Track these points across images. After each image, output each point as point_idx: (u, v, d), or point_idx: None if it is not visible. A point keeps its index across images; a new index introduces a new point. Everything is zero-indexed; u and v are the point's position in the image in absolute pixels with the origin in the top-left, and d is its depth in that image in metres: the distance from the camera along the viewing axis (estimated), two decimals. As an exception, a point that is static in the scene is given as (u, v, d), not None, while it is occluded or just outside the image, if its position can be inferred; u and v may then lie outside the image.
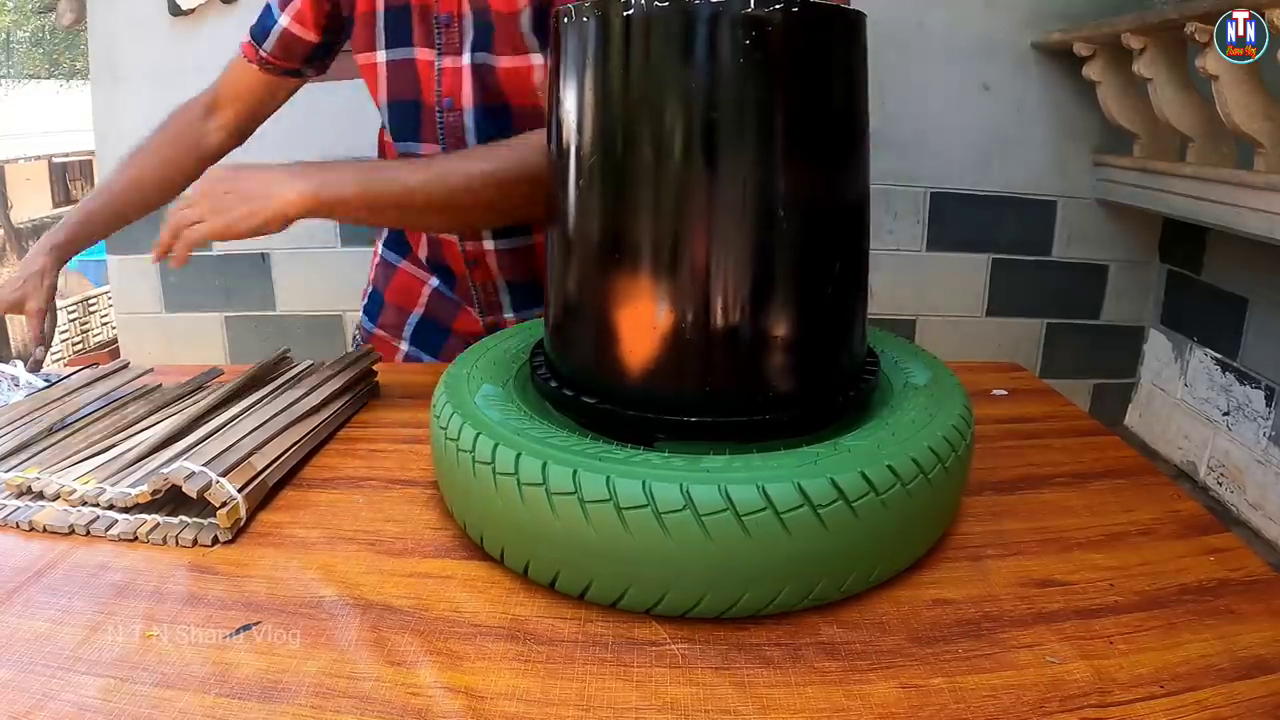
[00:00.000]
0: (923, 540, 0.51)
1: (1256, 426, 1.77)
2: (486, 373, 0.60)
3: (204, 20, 1.97)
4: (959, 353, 1.79)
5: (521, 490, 0.46)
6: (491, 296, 0.95)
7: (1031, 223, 2.09)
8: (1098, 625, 0.45)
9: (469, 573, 0.51)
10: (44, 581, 0.50)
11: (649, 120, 0.49)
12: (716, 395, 0.51)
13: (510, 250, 0.91)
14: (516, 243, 0.90)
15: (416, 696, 0.40)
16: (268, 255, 2.10)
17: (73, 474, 0.59)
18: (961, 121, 2.02)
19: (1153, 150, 1.84)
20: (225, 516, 0.54)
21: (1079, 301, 2.16)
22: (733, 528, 0.43)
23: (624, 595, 0.46)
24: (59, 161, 9.40)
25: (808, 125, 0.50)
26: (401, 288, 1.01)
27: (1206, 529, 0.55)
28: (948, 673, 0.42)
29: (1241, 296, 1.82)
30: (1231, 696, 0.40)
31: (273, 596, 0.49)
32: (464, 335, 0.98)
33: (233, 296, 2.16)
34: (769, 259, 0.51)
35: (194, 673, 0.42)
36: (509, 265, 0.92)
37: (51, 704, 0.40)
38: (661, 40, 0.48)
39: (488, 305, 0.96)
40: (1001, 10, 1.96)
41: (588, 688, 0.41)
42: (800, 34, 0.48)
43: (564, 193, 0.54)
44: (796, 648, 0.44)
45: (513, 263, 0.91)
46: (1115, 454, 0.67)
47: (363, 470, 0.65)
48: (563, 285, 0.56)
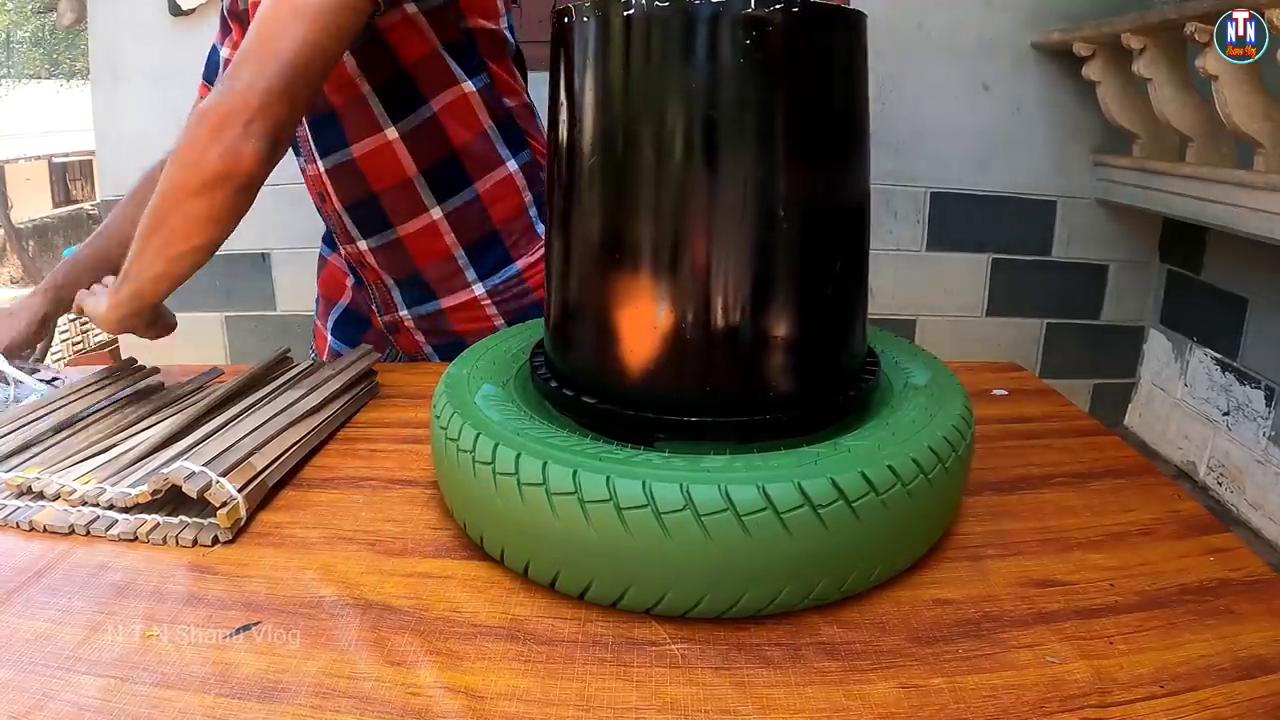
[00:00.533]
0: (923, 540, 0.51)
1: (1256, 426, 1.77)
2: (486, 373, 0.60)
3: (204, 20, 1.97)
4: (959, 353, 1.79)
5: (521, 490, 0.46)
6: (385, 295, 0.96)
7: (1031, 223, 2.10)
8: (1098, 625, 0.45)
9: (469, 573, 0.51)
10: (44, 581, 0.50)
11: (649, 120, 0.49)
12: (717, 395, 0.51)
13: (381, 247, 0.91)
14: (383, 239, 0.91)
15: (416, 696, 0.40)
16: (268, 255, 2.10)
17: (73, 474, 0.59)
18: (961, 121, 2.02)
19: (1153, 150, 1.84)
20: (225, 516, 0.54)
21: (1079, 301, 2.16)
22: (733, 528, 0.43)
23: (624, 595, 0.46)
24: (59, 161, 9.41)
25: (808, 125, 0.50)
26: (329, 279, 1.05)
27: (1206, 529, 0.55)
28: (948, 673, 0.42)
29: (1241, 296, 1.82)
30: (1231, 696, 0.40)
31: (273, 596, 0.49)
32: (380, 331, 1.00)
33: (233, 296, 2.16)
34: (769, 259, 0.51)
35: (194, 673, 0.42)
36: (386, 263, 0.93)
37: (51, 704, 0.40)
38: (662, 40, 0.48)
39: (384, 304, 0.97)
40: (1001, 10, 1.96)
41: (588, 688, 0.41)
42: (800, 34, 0.48)
43: (564, 193, 0.54)
44: (796, 648, 0.44)
45: (389, 261, 0.92)
46: (1115, 454, 0.67)
47: (363, 470, 0.65)
48: (563, 285, 0.56)
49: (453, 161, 0.87)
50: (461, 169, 0.87)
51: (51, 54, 7.19)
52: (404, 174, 0.86)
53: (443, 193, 0.88)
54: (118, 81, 2.04)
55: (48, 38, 7.00)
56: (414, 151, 0.85)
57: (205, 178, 0.68)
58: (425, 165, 0.86)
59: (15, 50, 7.25)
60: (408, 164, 0.86)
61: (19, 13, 6.93)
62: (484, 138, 0.88)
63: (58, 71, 7.36)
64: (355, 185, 0.88)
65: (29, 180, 8.75)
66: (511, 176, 0.89)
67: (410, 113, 0.84)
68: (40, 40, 7.12)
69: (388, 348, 1.01)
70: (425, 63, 0.83)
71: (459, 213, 0.88)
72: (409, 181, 0.86)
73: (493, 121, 0.88)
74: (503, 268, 0.91)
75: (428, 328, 0.95)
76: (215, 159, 0.67)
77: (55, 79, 7.42)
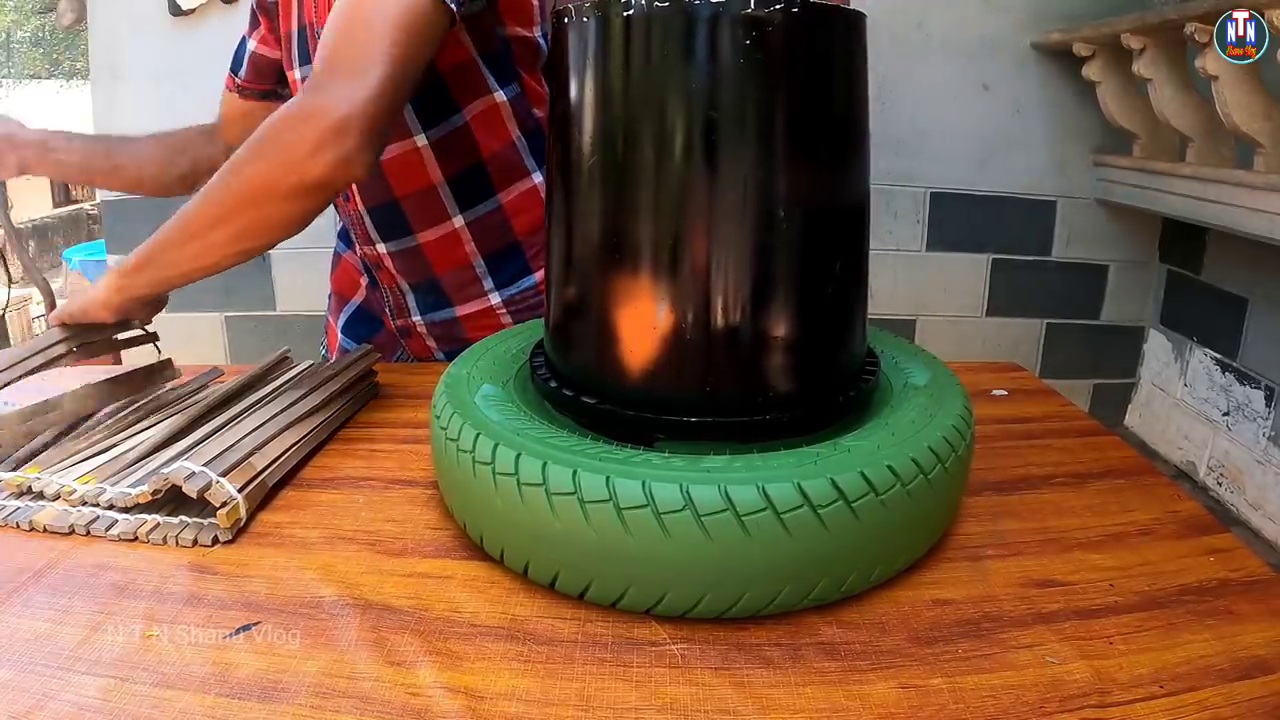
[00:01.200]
0: (923, 540, 0.51)
1: (1256, 427, 1.77)
2: (486, 373, 0.60)
3: (204, 20, 1.97)
4: (959, 353, 1.79)
5: (521, 490, 0.46)
6: (400, 299, 0.95)
7: (1031, 223, 2.09)
8: (1098, 625, 0.45)
9: (469, 573, 0.51)
10: (44, 581, 0.50)
11: (649, 120, 0.49)
12: (716, 395, 0.51)
13: (399, 252, 0.91)
14: (402, 244, 0.90)
15: (416, 696, 0.40)
16: (268, 255, 2.10)
17: (73, 474, 0.59)
18: (961, 121, 2.02)
19: (1152, 150, 1.84)
20: (225, 516, 0.54)
21: (1079, 301, 2.16)
22: (733, 528, 0.43)
23: (624, 595, 0.46)
24: (59, 161, 9.34)
25: (808, 126, 0.50)
26: (342, 275, 1.05)
27: (1206, 529, 0.55)
28: (947, 673, 0.42)
29: (1241, 296, 1.82)
30: (1231, 696, 0.40)
31: (273, 596, 0.49)
32: (392, 333, 1.00)
33: (233, 296, 2.16)
34: (769, 259, 0.51)
35: (194, 673, 0.42)
36: (403, 268, 0.92)
37: (51, 704, 0.40)
38: (661, 40, 0.48)
39: (397, 308, 0.97)
40: (1001, 10, 1.96)
41: (587, 688, 0.41)
42: (800, 34, 0.48)
43: (564, 193, 0.54)
44: (796, 648, 0.44)
45: (407, 266, 0.92)
46: (1115, 454, 0.67)
47: (363, 470, 0.65)
48: (563, 285, 0.56)
49: (479, 171, 0.86)
50: (487, 179, 0.87)
51: (51, 54, 7.19)
52: (429, 181, 0.85)
53: (466, 202, 0.87)
54: (118, 81, 2.04)
55: (48, 38, 7.00)
56: (441, 159, 0.85)
57: (306, 182, 0.65)
58: (451, 173, 0.86)
59: (15, 50, 7.25)
60: (433, 171, 0.85)
61: (19, 13, 6.93)
62: (512, 148, 0.87)
63: (58, 71, 7.36)
64: (379, 189, 0.87)
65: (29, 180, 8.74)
66: (536, 188, 0.89)
67: (441, 121, 0.83)
68: (40, 40, 7.12)
69: (399, 350, 1.01)
70: (461, 70, 0.82)
71: (481, 222, 0.88)
72: (433, 189, 0.86)
73: (521, 132, 0.87)
74: (521, 278, 0.91)
75: (440, 334, 0.95)
76: (325, 165, 0.64)
77: (55, 79, 7.42)
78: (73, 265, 3.23)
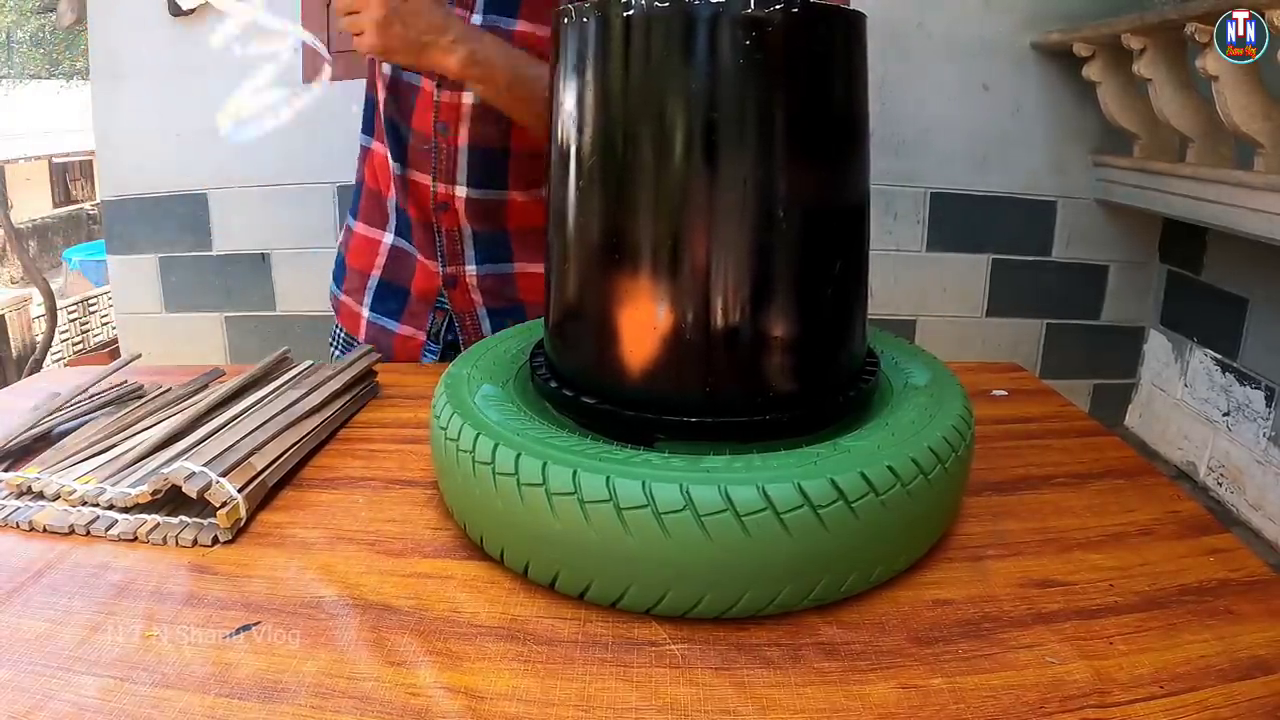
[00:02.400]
0: (923, 540, 0.51)
1: (1256, 427, 1.77)
2: (486, 373, 0.60)
3: (204, 20, 1.97)
4: (959, 353, 1.79)
5: (521, 490, 0.46)
6: (455, 245, 0.94)
7: (1031, 223, 2.09)
8: (1098, 625, 0.45)
9: (469, 573, 0.51)
10: (44, 581, 0.50)
11: (649, 120, 0.49)
12: (716, 395, 0.51)
13: (481, 200, 0.90)
14: (488, 194, 0.90)
15: (416, 696, 0.40)
16: (268, 255, 2.10)
17: (73, 474, 0.59)
18: (961, 121, 2.02)
19: (1152, 150, 1.84)
20: (225, 517, 0.54)
21: (1079, 302, 2.16)
22: (733, 528, 0.43)
23: (624, 595, 0.46)
24: (59, 161, 9.40)
25: (808, 126, 0.50)
26: (358, 248, 1.02)
27: (1206, 529, 0.55)
28: (947, 673, 0.42)
29: (1241, 297, 1.82)
30: (1231, 697, 0.40)
31: (273, 596, 0.49)
32: (422, 296, 0.97)
33: (233, 296, 2.16)
34: (769, 259, 0.51)
35: (194, 673, 0.42)
36: (477, 215, 0.91)
37: (51, 704, 0.40)
38: (661, 40, 0.48)
39: (450, 255, 0.94)
40: (1001, 10, 1.96)
41: (587, 688, 0.41)
42: (800, 34, 0.48)
43: (564, 193, 0.54)
44: (796, 648, 0.44)
45: (480, 213, 0.91)
46: (1115, 454, 0.67)
47: (363, 470, 0.65)
48: (563, 286, 0.56)
49: None
50: None
51: (51, 54, 7.19)
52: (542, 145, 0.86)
53: None
54: (118, 81, 2.04)
55: (48, 38, 6.99)
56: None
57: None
58: None
59: (15, 50, 7.24)
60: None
61: (19, 13, 6.92)
62: None
63: (58, 71, 7.35)
64: (494, 134, 0.87)
65: (29, 180, 8.75)
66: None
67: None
68: (40, 40, 7.11)
69: (429, 318, 0.97)
70: None
71: None
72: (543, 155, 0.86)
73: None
74: None
75: (490, 288, 0.94)
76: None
77: (55, 79, 7.41)
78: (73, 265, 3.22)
